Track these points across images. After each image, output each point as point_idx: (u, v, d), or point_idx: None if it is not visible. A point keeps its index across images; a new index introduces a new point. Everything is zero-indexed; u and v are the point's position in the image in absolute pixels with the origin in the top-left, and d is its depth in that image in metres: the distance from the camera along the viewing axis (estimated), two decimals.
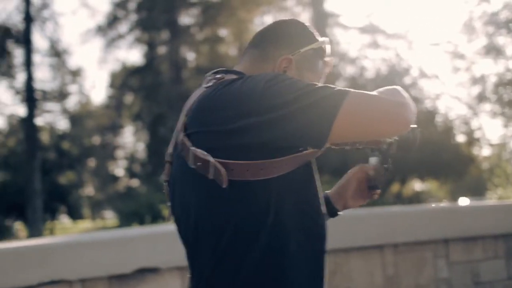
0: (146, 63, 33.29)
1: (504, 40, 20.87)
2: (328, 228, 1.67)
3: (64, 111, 34.60)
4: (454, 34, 40.40)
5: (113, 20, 32.86)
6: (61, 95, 33.39)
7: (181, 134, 1.60)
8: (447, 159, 23.37)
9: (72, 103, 36.07)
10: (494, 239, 4.66)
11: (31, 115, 27.28)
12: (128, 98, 35.63)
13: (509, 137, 21.53)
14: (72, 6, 67.93)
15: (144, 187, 29.85)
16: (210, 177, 1.49)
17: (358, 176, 1.98)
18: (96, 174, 39.64)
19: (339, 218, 1.87)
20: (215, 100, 1.54)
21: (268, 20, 31.23)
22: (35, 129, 27.67)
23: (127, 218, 19.27)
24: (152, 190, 23.33)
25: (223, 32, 32.91)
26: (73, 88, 34.90)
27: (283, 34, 1.77)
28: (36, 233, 22.98)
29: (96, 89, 71.21)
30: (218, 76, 1.67)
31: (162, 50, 33.71)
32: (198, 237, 1.59)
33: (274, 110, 1.44)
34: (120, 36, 33.17)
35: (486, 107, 23.06)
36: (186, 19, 33.61)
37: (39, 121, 31.25)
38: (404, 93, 1.62)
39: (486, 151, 25.84)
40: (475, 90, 23.24)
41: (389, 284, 4.33)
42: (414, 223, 4.49)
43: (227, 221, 1.52)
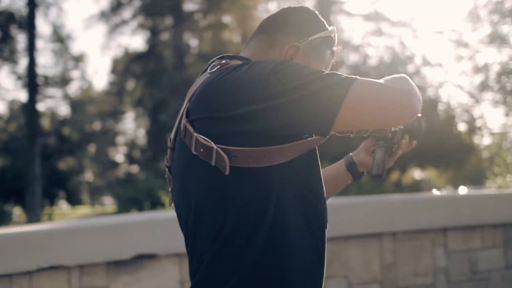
0: (148, 49, 33.25)
1: (509, 29, 20.83)
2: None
3: (66, 96, 34.62)
4: (458, 22, 40.34)
5: (116, 6, 32.80)
6: (63, 81, 33.41)
7: (184, 119, 1.59)
8: (448, 148, 23.40)
9: (73, 88, 36.12)
10: (493, 228, 4.67)
11: (32, 100, 27.26)
12: (130, 84, 35.60)
13: (510, 126, 21.50)
14: None
15: (144, 174, 29.86)
16: (213, 163, 1.48)
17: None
18: (96, 160, 39.67)
19: (338, 205, 1.87)
20: (220, 86, 1.52)
21: (272, 7, 31.14)
22: (36, 114, 27.65)
23: (126, 204, 19.30)
24: (151, 176, 23.33)
25: (227, 18, 32.84)
26: (75, 74, 34.97)
27: (292, 21, 1.76)
28: (34, 218, 23.02)
29: (98, 75, 70.98)
30: (223, 61, 1.65)
31: (165, 36, 33.63)
32: (198, 224, 1.58)
33: (279, 96, 1.44)
34: (124, 22, 33.13)
35: (488, 96, 23.06)
36: (190, 5, 33.55)
37: (40, 106, 31.29)
38: (411, 81, 1.61)
39: (486, 140, 25.85)
40: (478, 78, 23.24)
41: (386, 272, 4.34)
42: (413, 212, 4.49)
43: (229, 209, 1.51)
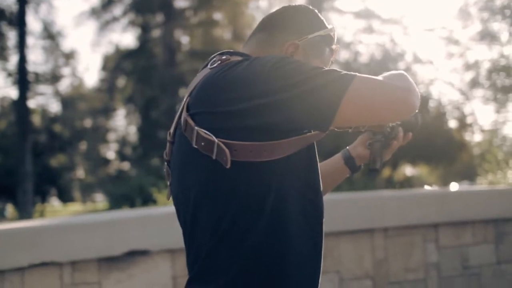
0: (139, 46, 33.24)
1: (499, 26, 20.87)
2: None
3: (57, 93, 34.54)
4: (449, 20, 40.43)
5: (107, 3, 32.78)
6: (54, 78, 33.35)
7: (184, 113, 1.59)
8: (439, 145, 23.48)
9: (64, 85, 36.04)
10: (484, 224, 4.68)
11: (23, 97, 27.17)
12: (121, 81, 35.58)
13: (500, 123, 21.58)
14: None
15: (135, 170, 29.87)
16: (214, 157, 1.49)
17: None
18: (87, 157, 39.59)
19: (330, 202, 1.88)
20: (220, 81, 1.53)
21: (263, 4, 31.22)
22: (27, 111, 27.57)
23: (117, 201, 19.29)
24: (143, 173, 23.35)
25: (218, 15, 32.85)
26: (66, 71, 34.88)
27: (292, 19, 1.77)
28: (26, 215, 22.94)
29: (89, 72, 70.87)
30: (224, 57, 1.66)
31: (156, 33, 33.62)
32: (197, 218, 1.59)
33: (280, 92, 1.45)
34: (114, 19, 33.12)
35: (479, 93, 23.13)
36: (181, 2, 33.62)
37: (31, 103, 31.22)
38: (409, 78, 1.64)
39: (477, 137, 25.94)
40: (469, 76, 23.30)
41: (378, 268, 4.35)
42: (404, 208, 4.50)
43: (228, 202, 1.52)
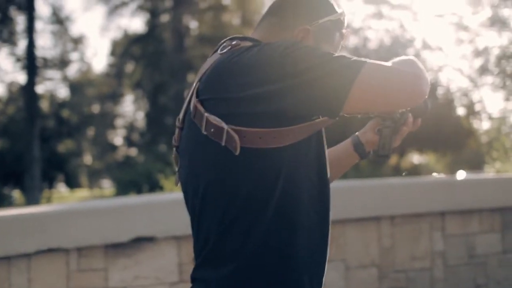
0: (148, 31, 33.24)
1: (509, 12, 20.71)
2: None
3: (65, 79, 34.57)
4: (459, 5, 40.16)
5: None
6: (62, 63, 33.38)
7: (194, 99, 1.60)
8: (446, 132, 23.39)
9: (73, 71, 36.07)
10: (491, 213, 4.67)
11: (31, 82, 27.18)
12: (129, 67, 35.57)
13: (509, 111, 21.48)
14: None
15: (143, 157, 29.90)
16: (223, 143, 1.50)
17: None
18: (95, 143, 39.66)
19: (336, 189, 1.88)
20: (231, 66, 1.53)
21: None
22: (35, 96, 27.58)
23: (124, 187, 19.33)
24: (150, 159, 23.37)
25: (226, 0, 32.75)
26: (74, 56, 34.95)
27: (302, 4, 1.76)
28: (33, 201, 23.02)
29: (98, 57, 70.94)
30: (234, 43, 1.66)
31: (165, 18, 33.60)
32: (206, 203, 1.59)
33: (290, 77, 1.45)
34: (123, 4, 33.08)
35: (488, 80, 23.01)
36: None
37: (39, 88, 31.24)
38: (419, 64, 1.62)
39: (485, 125, 25.84)
40: (478, 62, 23.17)
41: (384, 256, 4.35)
42: (411, 196, 4.49)
43: (238, 189, 1.53)
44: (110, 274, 3.67)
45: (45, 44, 39.27)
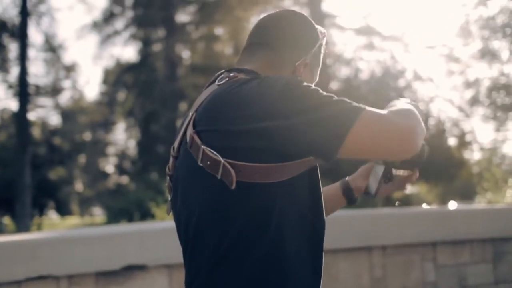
0: (140, 60, 33.35)
1: (500, 44, 20.91)
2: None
3: (57, 106, 34.54)
4: (450, 37, 40.49)
5: (109, 16, 32.91)
6: (54, 90, 33.33)
7: (190, 130, 1.58)
8: (438, 162, 23.43)
9: (65, 98, 36.03)
10: (482, 243, 4.68)
11: (23, 109, 27.09)
12: (121, 95, 35.63)
13: (500, 142, 21.58)
14: (68, 1, 67.74)
15: (134, 185, 29.81)
16: (219, 177, 1.49)
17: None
18: (86, 171, 39.56)
19: (327, 218, 1.88)
20: (229, 98, 1.52)
21: None
22: (27, 124, 27.48)
23: (115, 215, 19.22)
24: (141, 187, 23.29)
25: (219, 30, 32.95)
26: (66, 84, 34.85)
27: (296, 35, 1.77)
28: (24, 228, 22.87)
29: (90, 85, 70.97)
30: (232, 74, 1.66)
31: (157, 47, 33.74)
32: (199, 235, 1.58)
33: (288, 117, 1.44)
34: (116, 33, 33.23)
35: (479, 111, 23.14)
36: (183, 16, 33.71)
37: (31, 116, 31.16)
38: (416, 113, 1.62)
39: (476, 155, 25.92)
40: (469, 93, 23.31)
41: (376, 286, 4.34)
42: (402, 226, 4.50)
43: (231, 222, 1.51)
44: None
45: (37, 71, 39.27)
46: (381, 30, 29.95)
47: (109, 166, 39.87)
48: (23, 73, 27.29)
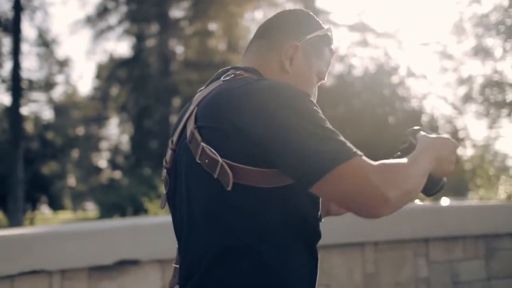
0: (134, 55, 33.29)
1: (493, 42, 20.92)
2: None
3: (50, 101, 34.47)
4: (443, 34, 40.50)
5: (102, 11, 32.83)
6: (48, 85, 33.25)
7: (191, 124, 1.56)
8: None
9: (58, 93, 35.97)
10: (475, 239, 4.70)
11: (16, 104, 27.02)
12: (115, 90, 35.56)
13: (493, 139, 21.64)
14: None
15: (127, 180, 29.78)
16: (216, 176, 1.47)
17: None
18: (79, 165, 39.52)
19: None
20: (233, 97, 1.50)
21: (259, 15, 31.29)
22: (19, 118, 27.41)
23: (108, 210, 19.23)
24: (134, 182, 23.26)
25: (213, 26, 32.90)
26: (59, 78, 34.78)
27: (288, 22, 1.77)
28: (16, 223, 22.85)
29: (83, 80, 70.85)
30: (238, 72, 1.65)
31: (151, 42, 33.68)
32: (195, 230, 1.57)
33: (288, 131, 1.40)
34: (109, 28, 33.16)
35: (472, 107, 23.18)
36: (176, 12, 33.65)
37: (24, 110, 31.07)
38: (412, 175, 1.51)
39: (469, 152, 25.99)
40: (462, 90, 23.35)
41: (368, 282, 4.35)
42: (395, 222, 4.50)
43: (225, 223, 1.50)
44: None
45: (30, 66, 39.19)
46: (375, 27, 29.83)
47: (102, 161, 39.87)
48: (16, 67, 27.21)
